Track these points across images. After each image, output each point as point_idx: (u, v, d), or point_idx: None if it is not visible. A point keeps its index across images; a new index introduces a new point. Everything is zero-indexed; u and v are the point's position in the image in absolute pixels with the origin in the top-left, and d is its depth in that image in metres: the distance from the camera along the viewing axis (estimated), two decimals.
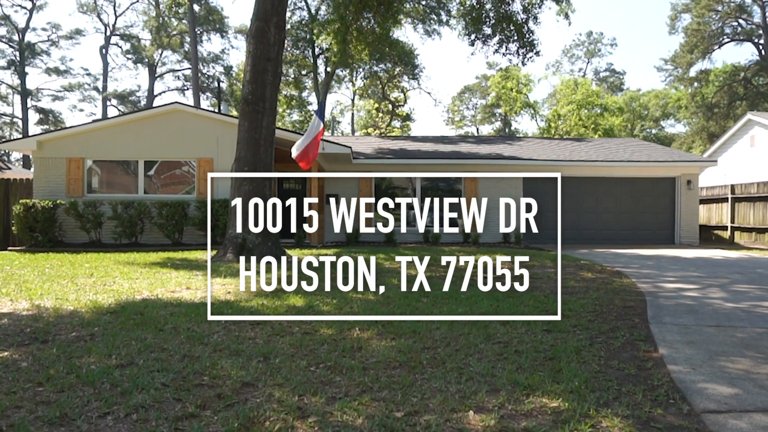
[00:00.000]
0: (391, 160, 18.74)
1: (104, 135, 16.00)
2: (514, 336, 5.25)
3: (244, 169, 11.72)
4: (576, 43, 65.73)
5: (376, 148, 20.81)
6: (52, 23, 59.10)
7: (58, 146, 15.93)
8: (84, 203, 14.99)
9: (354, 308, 6.37)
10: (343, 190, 18.90)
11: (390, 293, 7.41)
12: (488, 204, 18.87)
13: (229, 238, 11.64)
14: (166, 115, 16.10)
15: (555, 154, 20.30)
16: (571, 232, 19.50)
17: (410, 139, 24.18)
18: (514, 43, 17.64)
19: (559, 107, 38.97)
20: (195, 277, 8.84)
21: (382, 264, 11.13)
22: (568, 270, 10.97)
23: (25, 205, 14.69)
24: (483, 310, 6.40)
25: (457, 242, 18.25)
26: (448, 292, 7.51)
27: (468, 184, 19.04)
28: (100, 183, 16.48)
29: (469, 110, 69.69)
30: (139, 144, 15.99)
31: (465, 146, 21.95)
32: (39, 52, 53.60)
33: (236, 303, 6.49)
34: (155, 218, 15.04)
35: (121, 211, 14.98)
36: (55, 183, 15.89)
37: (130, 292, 7.21)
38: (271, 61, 11.93)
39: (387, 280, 8.62)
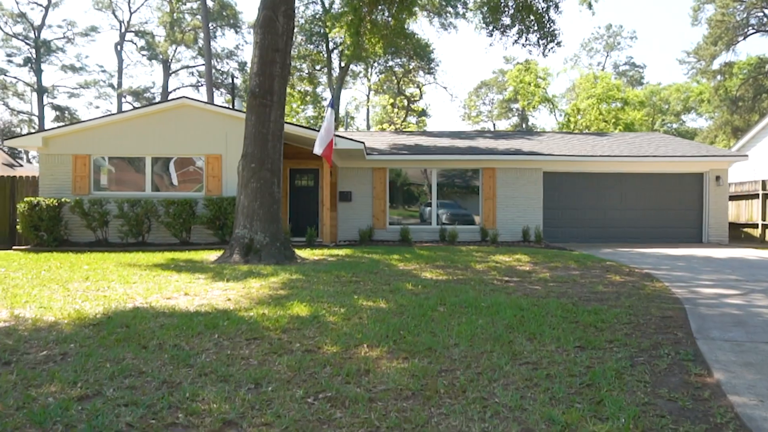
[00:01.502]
0: (406, 156, 18.11)
1: (111, 131, 15.56)
2: (544, 355, 4.62)
3: (251, 166, 11.17)
4: (595, 37, 64.43)
5: (391, 144, 20.19)
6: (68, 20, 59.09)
7: (64, 143, 15.51)
8: (89, 201, 14.56)
9: (363, 318, 5.78)
10: (357, 187, 18.31)
11: (403, 300, 6.80)
12: (507, 201, 18.24)
13: (236, 238, 11.11)
14: (174, 111, 15.62)
15: (576, 149, 19.53)
16: (594, 230, 18.74)
17: (426, 135, 23.51)
18: (534, 33, 16.90)
19: (579, 101, 38.00)
20: (196, 281, 8.30)
21: (395, 266, 10.53)
22: (593, 272, 10.29)
23: (29, 203, 14.29)
24: (506, 321, 5.77)
25: (474, 241, 17.59)
26: (467, 300, 6.89)
27: (486, 180, 18.35)
28: (108, 180, 16.05)
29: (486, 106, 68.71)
30: (146, 140, 15.52)
31: (482, 141, 21.25)
32: (54, 49, 53.67)
33: (234, 312, 5.93)
34: (162, 217, 14.57)
35: (127, 210, 14.52)
36: (61, 180, 15.48)
37: (122, 299, 6.69)
38: (279, 52, 11.36)
39: (400, 285, 8.02)
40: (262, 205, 11.07)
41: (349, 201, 18.26)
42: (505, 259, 12.32)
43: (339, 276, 8.90)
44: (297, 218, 18.48)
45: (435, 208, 18.57)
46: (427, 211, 18.79)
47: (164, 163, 16.00)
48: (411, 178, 19.23)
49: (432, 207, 18.61)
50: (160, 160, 15.88)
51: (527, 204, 18.29)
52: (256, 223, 11.02)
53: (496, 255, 13.05)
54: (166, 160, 15.94)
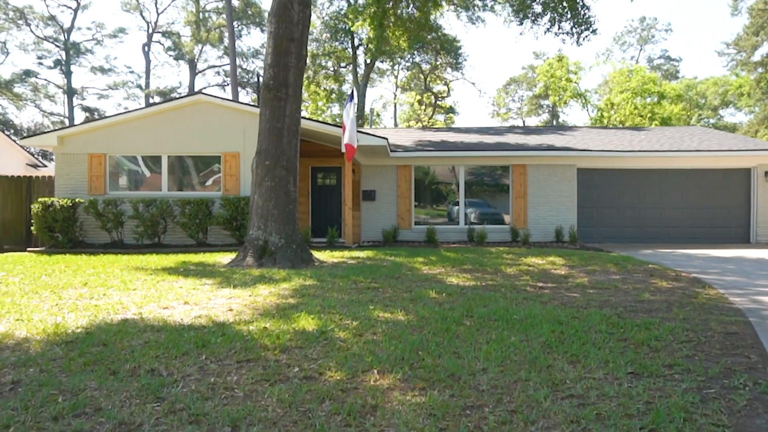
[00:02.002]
0: (432, 153, 17.32)
1: (126, 129, 15.11)
2: (591, 385, 3.82)
3: (266, 163, 10.52)
4: (628, 30, 62.50)
5: (416, 141, 19.41)
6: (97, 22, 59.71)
7: (80, 141, 15.11)
8: (104, 202, 14.11)
9: (377, 334, 5.04)
10: (381, 186, 17.59)
11: (425, 311, 6.04)
12: (539, 199, 17.33)
13: (250, 240, 10.47)
14: (190, 107, 15.08)
15: (612, 144, 18.48)
16: (632, 230, 17.69)
17: (453, 131, 22.66)
18: (567, 21, 15.94)
19: (612, 96, 36.64)
20: (202, 287, 7.66)
21: (418, 270, 9.76)
22: (636, 277, 9.39)
23: (43, 203, 13.91)
24: (543, 338, 4.96)
25: (504, 241, 16.71)
26: (496, 311, 6.09)
27: (516, 177, 17.45)
28: (124, 180, 15.62)
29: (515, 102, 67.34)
30: (162, 138, 15.03)
31: (512, 137, 20.32)
32: (84, 51, 54.16)
33: (232, 326, 5.24)
34: (178, 217, 14.04)
35: (142, 210, 14.03)
36: (77, 180, 15.09)
37: (114, 308, 6.06)
38: (294, 42, 10.68)
39: (422, 293, 7.25)
40: (277, 205, 10.41)
41: (372, 200, 17.55)
42: (538, 261, 11.45)
43: (356, 282, 8.18)
44: (319, 218, 17.84)
45: (462, 207, 17.73)
46: (455, 211, 17.98)
47: (181, 161, 15.49)
48: (437, 176, 18.42)
49: (459, 206, 17.78)
50: (176, 159, 15.37)
51: (560, 202, 17.33)
52: (270, 224, 10.37)
53: (528, 257, 12.18)
54: (182, 159, 15.43)
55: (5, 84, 53.87)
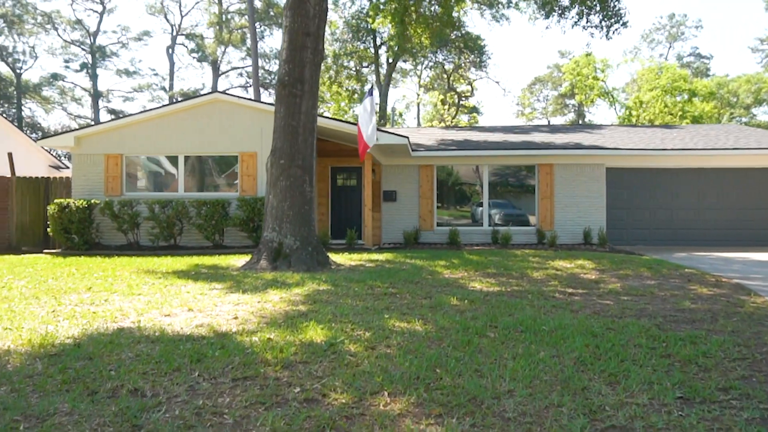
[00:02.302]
0: (455, 152, 16.79)
1: (143, 129, 14.88)
2: (634, 412, 3.30)
3: (280, 162, 10.12)
4: (656, 27, 61.07)
5: (439, 140, 18.90)
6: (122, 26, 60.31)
7: (96, 142, 14.93)
8: (119, 203, 13.88)
9: (391, 347, 4.57)
10: (402, 186, 17.12)
11: (445, 321, 5.55)
12: (566, 200, 16.71)
13: (264, 242, 10.09)
14: (207, 106, 14.79)
15: (643, 142, 17.75)
16: (664, 232, 16.94)
17: (476, 130, 22.10)
18: (596, 14, 15.29)
19: (641, 94, 35.63)
20: (210, 292, 7.28)
21: (439, 274, 9.26)
22: (672, 282, 8.77)
23: (59, 204, 13.73)
24: (576, 354, 4.44)
25: (530, 243, 16.11)
26: (523, 320, 5.58)
27: (542, 177, 16.83)
28: (140, 181, 15.40)
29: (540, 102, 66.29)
30: (178, 138, 14.77)
31: (538, 136, 19.69)
32: (109, 54, 54.68)
33: (234, 337, 4.82)
34: (193, 219, 13.75)
35: (158, 211, 13.77)
36: (94, 181, 14.90)
37: (113, 316, 5.69)
38: (310, 36, 10.27)
39: (443, 299, 6.76)
40: (292, 206, 10.01)
41: (393, 201, 17.09)
42: (566, 265, 10.87)
43: (373, 287, 7.72)
44: (339, 220, 17.45)
45: (486, 208, 17.17)
46: (478, 212, 17.43)
47: (198, 162, 15.22)
48: (460, 176, 17.89)
49: (483, 207, 17.22)
50: (193, 159, 15.10)
51: (589, 203, 16.67)
52: (285, 225, 9.97)
53: (555, 260, 11.60)
54: (200, 159, 15.16)
55: (33, 87, 54.70)
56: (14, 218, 15.47)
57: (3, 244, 15.35)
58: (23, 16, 51.65)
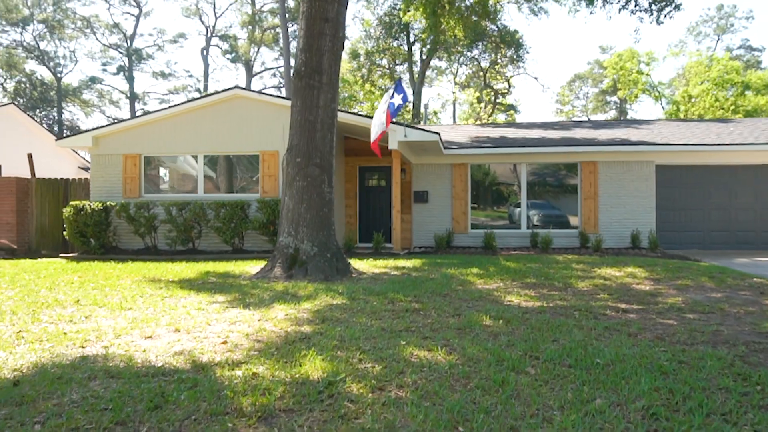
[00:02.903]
0: (490, 150, 15.69)
1: (161, 128, 14.25)
2: None
3: (297, 161, 9.26)
4: (704, 19, 58.34)
5: (473, 137, 17.83)
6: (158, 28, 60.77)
7: (114, 142, 14.37)
8: (135, 205, 13.25)
9: (404, 389, 3.61)
10: (434, 186, 16.11)
11: (474, 349, 4.56)
12: (611, 200, 15.46)
13: (279, 247, 9.23)
14: (227, 103, 14.06)
15: (696, 137, 16.33)
16: (721, 235, 15.51)
17: (513, 126, 20.91)
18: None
19: (690, 88, 33.74)
20: (209, 306, 6.44)
21: (471, 284, 8.24)
22: (742, 295, 7.59)
23: (75, 207, 13.18)
24: (643, 402, 3.41)
25: (571, 247, 14.91)
26: (571, 349, 4.55)
27: (585, 176, 15.60)
28: (159, 182, 14.78)
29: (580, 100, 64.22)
30: (198, 136, 14.08)
31: (580, 132, 18.41)
32: (145, 57, 55.07)
33: (214, 370, 3.94)
34: (212, 221, 13.02)
35: (175, 214, 13.09)
36: (112, 183, 14.35)
37: (84, 339, 4.89)
38: (329, 23, 9.38)
39: (474, 318, 5.77)
40: (310, 208, 9.13)
41: (425, 202, 16.10)
42: (615, 273, 9.72)
43: (394, 301, 6.77)
44: (368, 222, 16.57)
45: (524, 210, 16.03)
46: (516, 213, 16.30)
47: (218, 161, 14.52)
48: (496, 176, 16.78)
49: (521, 208, 16.08)
50: (213, 159, 14.40)
51: (636, 203, 15.37)
52: (302, 229, 9.10)
53: (602, 267, 10.44)
54: (220, 159, 14.45)
55: (73, 91, 55.52)
56: (34, 221, 15.05)
57: (23, 247, 14.93)
58: (63, 20, 52.45)
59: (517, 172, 16.33)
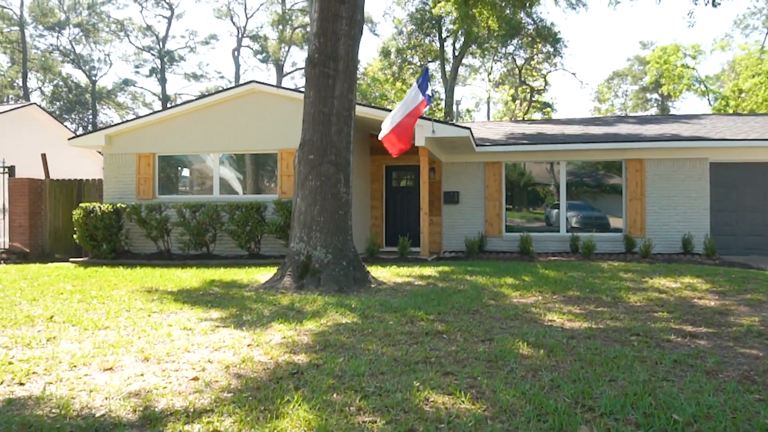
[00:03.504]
0: (526, 147, 14.53)
1: (176, 126, 13.52)
2: None
3: (309, 158, 8.33)
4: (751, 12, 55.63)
5: (508, 134, 16.67)
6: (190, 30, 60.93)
7: (128, 140, 13.70)
8: (147, 207, 12.54)
9: None
10: (465, 186, 15.04)
11: (508, 395, 3.53)
12: (660, 201, 14.19)
13: (290, 254, 8.32)
14: (244, 98, 13.25)
15: (756, 132, 14.87)
16: None
17: (550, 123, 19.65)
18: None
19: (740, 81, 31.77)
20: (198, 325, 5.55)
21: (506, 298, 7.17)
22: None
23: (84, 209, 12.54)
24: None
25: (616, 252, 13.67)
26: (636, 394, 3.48)
27: (631, 175, 14.32)
28: (173, 182, 14.05)
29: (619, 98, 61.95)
30: (213, 134, 13.30)
31: (624, 128, 17.09)
32: (177, 58, 55.20)
33: (168, 422, 3.00)
34: (226, 224, 12.21)
35: (188, 216, 12.32)
36: (125, 183, 13.69)
37: (27, 371, 4.03)
38: (345, 4, 8.42)
39: (507, 345, 4.72)
40: (323, 211, 8.19)
41: (455, 203, 15.04)
42: (671, 284, 8.51)
43: (414, 320, 5.76)
44: (394, 225, 15.60)
45: (564, 211, 14.82)
46: (554, 215, 15.11)
47: (235, 160, 13.72)
48: (532, 175, 15.61)
49: (560, 209, 14.87)
50: (230, 157, 13.61)
51: (688, 205, 14.02)
52: (315, 234, 8.16)
53: (654, 277, 9.24)
54: (237, 157, 13.65)
55: (107, 93, 56.01)
56: (47, 224, 14.50)
57: (36, 251, 14.39)
58: (98, 24, 52.91)
59: (556, 171, 15.14)
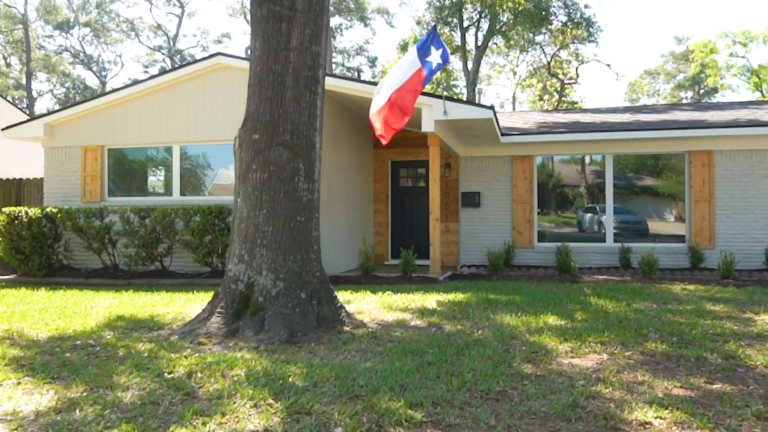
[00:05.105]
0: (564, 136, 11.69)
1: (129, 112, 10.98)
2: None
3: (253, 138, 5.65)
4: None
5: (539, 123, 13.81)
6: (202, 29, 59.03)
7: (73, 130, 11.21)
8: (85, 212, 9.99)
9: None
10: (488, 186, 12.27)
11: None
12: (734, 204, 11.31)
13: (225, 282, 5.62)
14: (209, 76, 10.64)
15: None
16: None
17: (590, 112, 16.67)
18: None
19: None
20: None
21: (550, 357, 4.34)
22: None
23: (9, 215, 10.05)
24: None
25: (679, 268, 10.80)
26: None
27: (696, 171, 11.40)
28: (129, 182, 11.48)
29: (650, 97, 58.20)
30: (173, 121, 10.73)
31: (681, 114, 14.11)
32: (188, 57, 53.22)
33: None
34: (180, 233, 9.59)
35: (136, 224, 9.74)
36: (70, 183, 11.19)
37: None
38: None
39: None
40: (272, 217, 5.48)
41: (476, 206, 12.26)
42: None
43: (385, 419, 3.01)
44: (402, 232, 12.95)
45: (610, 216, 11.93)
46: (594, 221, 12.23)
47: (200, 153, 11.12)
48: (571, 172, 12.76)
49: (606, 214, 11.98)
50: (192, 150, 11.02)
51: None
52: (259, 251, 5.46)
53: (761, 312, 6.33)
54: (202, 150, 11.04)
55: None
56: None
57: None
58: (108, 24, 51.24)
59: (585, 170, 12.26)
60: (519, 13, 23.55)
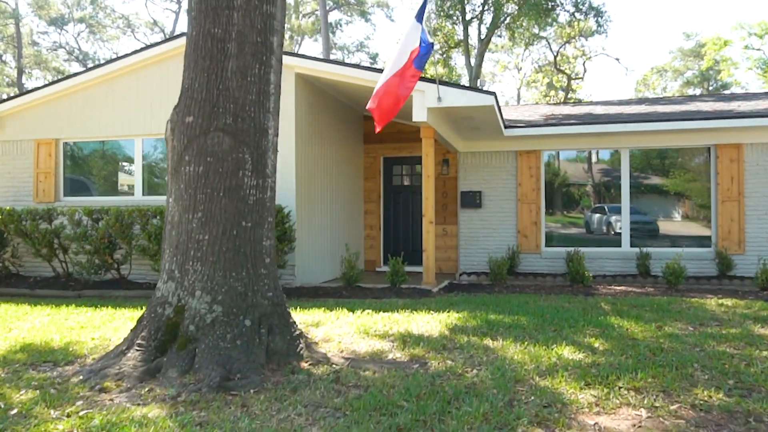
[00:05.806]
0: (575, 128, 10.43)
1: (87, 100, 9.80)
2: None
3: (187, 121, 4.44)
4: None
5: (547, 115, 12.56)
6: None
7: (25, 122, 10.05)
8: (30, 213, 8.81)
9: None
10: (490, 184, 11.04)
11: None
12: (765, 201, 10.05)
13: (152, 305, 4.42)
14: (174, 61, 9.39)
15: None
16: None
17: (602, 104, 15.39)
18: None
19: None
20: None
21: (568, 412, 3.11)
22: None
23: None
24: None
25: (705, 276, 9.56)
26: None
27: (723, 166, 10.16)
28: (88, 180, 10.30)
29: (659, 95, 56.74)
30: (135, 112, 9.53)
31: (703, 105, 12.84)
32: None
33: None
34: (137, 238, 8.40)
35: (89, 227, 8.56)
36: (22, 181, 10.03)
37: None
38: None
39: None
40: (209, 221, 4.28)
41: (476, 207, 11.03)
42: None
43: None
44: (396, 235, 11.76)
45: (627, 219, 10.68)
46: (610, 223, 10.98)
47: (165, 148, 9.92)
48: (579, 170, 11.53)
49: (622, 216, 10.73)
50: (157, 144, 9.83)
51: None
52: (193, 266, 4.26)
53: None
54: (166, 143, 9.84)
55: None
56: None
57: None
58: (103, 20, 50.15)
59: (593, 168, 11.03)
60: (524, 3, 22.26)
